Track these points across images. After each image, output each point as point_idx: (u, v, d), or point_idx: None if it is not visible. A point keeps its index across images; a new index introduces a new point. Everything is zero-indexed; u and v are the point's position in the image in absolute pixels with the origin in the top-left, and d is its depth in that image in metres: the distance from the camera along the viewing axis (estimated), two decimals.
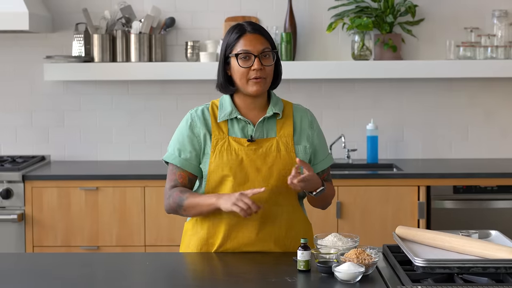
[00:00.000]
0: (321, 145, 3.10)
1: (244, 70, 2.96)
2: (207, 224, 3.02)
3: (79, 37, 5.27)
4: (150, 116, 5.45)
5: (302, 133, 3.05)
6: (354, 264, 2.58)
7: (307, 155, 3.04)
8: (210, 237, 3.02)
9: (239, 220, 2.96)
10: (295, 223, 3.04)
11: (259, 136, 3.01)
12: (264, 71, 2.96)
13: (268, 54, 2.98)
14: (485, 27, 5.35)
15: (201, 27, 5.40)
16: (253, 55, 2.95)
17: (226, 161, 2.96)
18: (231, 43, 2.99)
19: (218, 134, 3.01)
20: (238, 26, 3.01)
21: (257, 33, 2.98)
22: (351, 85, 5.41)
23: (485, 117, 5.41)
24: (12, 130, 5.46)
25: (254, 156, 2.96)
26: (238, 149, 2.97)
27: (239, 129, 3.02)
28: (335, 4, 5.34)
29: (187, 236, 3.10)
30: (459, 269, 2.54)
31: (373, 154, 5.24)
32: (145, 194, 4.81)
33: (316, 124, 3.12)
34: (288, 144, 3.01)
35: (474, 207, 4.76)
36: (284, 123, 3.04)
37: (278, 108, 3.04)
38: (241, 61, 2.96)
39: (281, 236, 3.00)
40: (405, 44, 5.36)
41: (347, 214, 4.77)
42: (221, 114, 3.02)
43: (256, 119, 3.03)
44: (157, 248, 4.79)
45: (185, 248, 3.09)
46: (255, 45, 2.95)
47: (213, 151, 2.98)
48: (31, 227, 4.81)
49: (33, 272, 2.81)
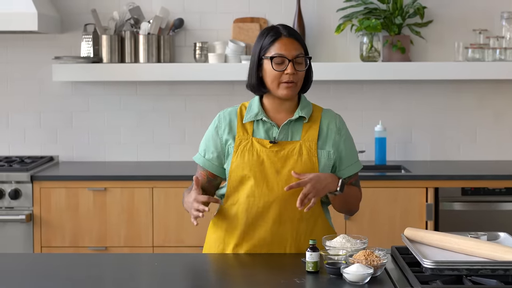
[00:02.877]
0: (347, 151, 3.08)
1: (277, 73, 2.97)
2: (226, 223, 3.05)
3: (88, 37, 5.28)
4: (158, 117, 5.45)
5: (328, 138, 3.04)
6: (363, 266, 2.58)
7: (331, 161, 3.03)
8: (227, 236, 3.04)
9: (255, 220, 2.98)
10: (315, 228, 3.03)
11: (283, 138, 3.02)
12: (296, 76, 2.97)
13: (302, 59, 3.00)
14: (493, 29, 5.34)
15: (209, 28, 5.41)
16: (287, 59, 2.96)
17: (247, 161, 2.97)
18: (265, 45, 2.99)
19: (243, 134, 3.02)
20: (274, 28, 3.01)
21: (292, 38, 2.99)
22: (359, 86, 5.40)
23: (494, 119, 5.40)
24: (21, 131, 5.47)
25: (275, 158, 2.97)
26: (260, 150, 2.98)
27: (264, 130, 3.03)
28: (343, 5, 5.34)
29: (208, 235, 3.15)
30: (468, 271, 2.54)
31: (381, 156, 5.23)
32: (153, 195, 4.81)
33: (345, 130, 3.11)
34: (311, 148, 3.00)
35: (482, 209, 4.75)
36: (310, 127, 3.04)
37: (306, 112, 3.04)
38: (275, 65, 2.96)
39: (299, 240, 3.00)
40: (413, 46, 5.36)
41: (355, 216, 4.76)
42: (247, 115, 3.04)
43: (282, 122, 3.04)
44: (165, 249, 4.80)
45: (206, 246, 3.14)
46: (290, 50, 2.96)
47: (236, 151, 3.00)
48: (39, 228, 4.82)
49: (41, 272, 2.82)
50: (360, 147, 5.35)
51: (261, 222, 2.98)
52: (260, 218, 2.97)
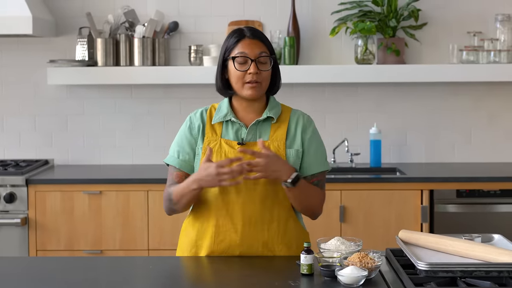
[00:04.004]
0: (312, 148, 3.05)
1: (240, 73, 2.97)
2: (197, 226, 3.04)
3: (83, 41, 5.29)
4: (153, 120, 5.45)
5: (295, 137, 3.04)
6: (357, 268, 2.58)
7: (299, 159, 3.02)
8: (199, 239, 3.03)
9: (226, 222, 2.97)
10: (287, 229, 3.01)
11: (252, 139, 3.01)
12: (260, 76, 2.97)
13: (266, 59, 2.99)
14: (488, 31, 5.35)
15: (204, 31, 5.41)
16: (250, 59, 2.97)
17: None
18: (230, 46, 3.01)
19: (211, 135, 3.02)
20: (238, 30, 3.04)
21: (256, 39, 3.00)
22: (354, 89, 5.41)
23: (488, 121, 5.41)
24: (16, 134, 5.47)
25: (243, 159, 2.95)
26: (228, 151, 2.98)
27: (233, 132, 3.03)
28: (338, 8, 5.34)
29: (181, 238, 3.14)
30: (462, 273, 2.54)
31: (376, 158, 5.24)
32: (148, 198, 4.82)
33: (312, 128, 3.08)
34: (279, 148, 3.00)
35: (477, 211, 4.76)
36: (278, 127, 3.04)
37: (274, 112, 3.04)
38: (237, 64, 2.97)
39: (271, 241, 2.99)
40: (408, 48, 5.36)
41: (350, 218, 4.77)
42: (216, 116, 3.05)
43: (251, 123, 3.03)
44: (160, 252, 4.80)
45: (179, 250, 3.12)
46: (252, 49, 2.97)
47: (204, 152, 2.99)
48: (35, 231, 4.82)
49: (37, 276, 2.81)
50: (355, 149, 5.37)
51: (232, 223, 2.96)
52: (230, 220, 2.95)
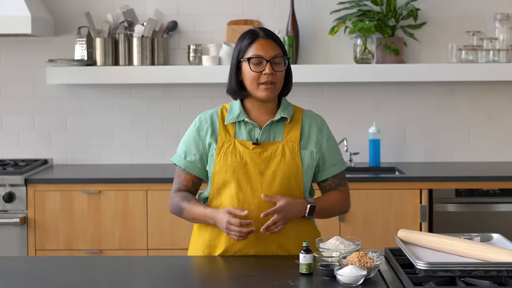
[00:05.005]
0: (330, 150, 3.08)
1: (255, 74, 2.97)
2: (211, 227, 3.03)
3: (82, 40, 5.28)
4: (152, 120, 5.45)
5: (310, 138, 3.05)
6: (356, 267, 2.58)
7: (314, 161, 3.04)
8: (213, 239, 3.03)
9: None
10: (300, 229, 3.03)
11: (265, 139, 3.02)
12: (274, 76, 2.97)
13: (280, 59, 3.00)
14: (487, 31, 5.35)
15: (203, 30, 5.41)
16: (265, 60, 2.96)
17: (230, 163, 2.97)
18: (243, 48, 3.00)
19: (225, 136, 3.02)
20: (251, 31, 3.02)
21: (269, 39, 3.00)
22: (353, 88, 5.41)
23: (487, 120, 5.41)
24: (15, 134, 5.47)
25: (258, 159, 2.96)
26: (243, 152, 2.98)
27: (246, 132, 3.03)
28: (337, 7, 5.34)
29: (194, 238, 3.13)
30: (461, 272, 2.54)
31: (375, 158, 5.24)
32: (147, 198, 4.81)
33: (327, 130, 3.10)
34: (294, 149, 3.00)
35: (476, 210, 4.76)
36: (292, 127, 3.04)
37: (287, 113, 3.04)
38: (253, 66, 2.97)
39: (285, 242, 3.00)
40: (407, 48, 5.37)
41: (349, 217, 4.77)
42: (229, 116, 3.05)
43: (264, 123, 3.04)
44: (159, 251, 4.80)
45: (192, 250, 3.12)
46: (267, 50, 2.97)
47: (218, 153, 3.00)
48: (34, 231, 4.82)
49: (36, 276, 2.81)
50: (354, 148, 5.37)
51: None
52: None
